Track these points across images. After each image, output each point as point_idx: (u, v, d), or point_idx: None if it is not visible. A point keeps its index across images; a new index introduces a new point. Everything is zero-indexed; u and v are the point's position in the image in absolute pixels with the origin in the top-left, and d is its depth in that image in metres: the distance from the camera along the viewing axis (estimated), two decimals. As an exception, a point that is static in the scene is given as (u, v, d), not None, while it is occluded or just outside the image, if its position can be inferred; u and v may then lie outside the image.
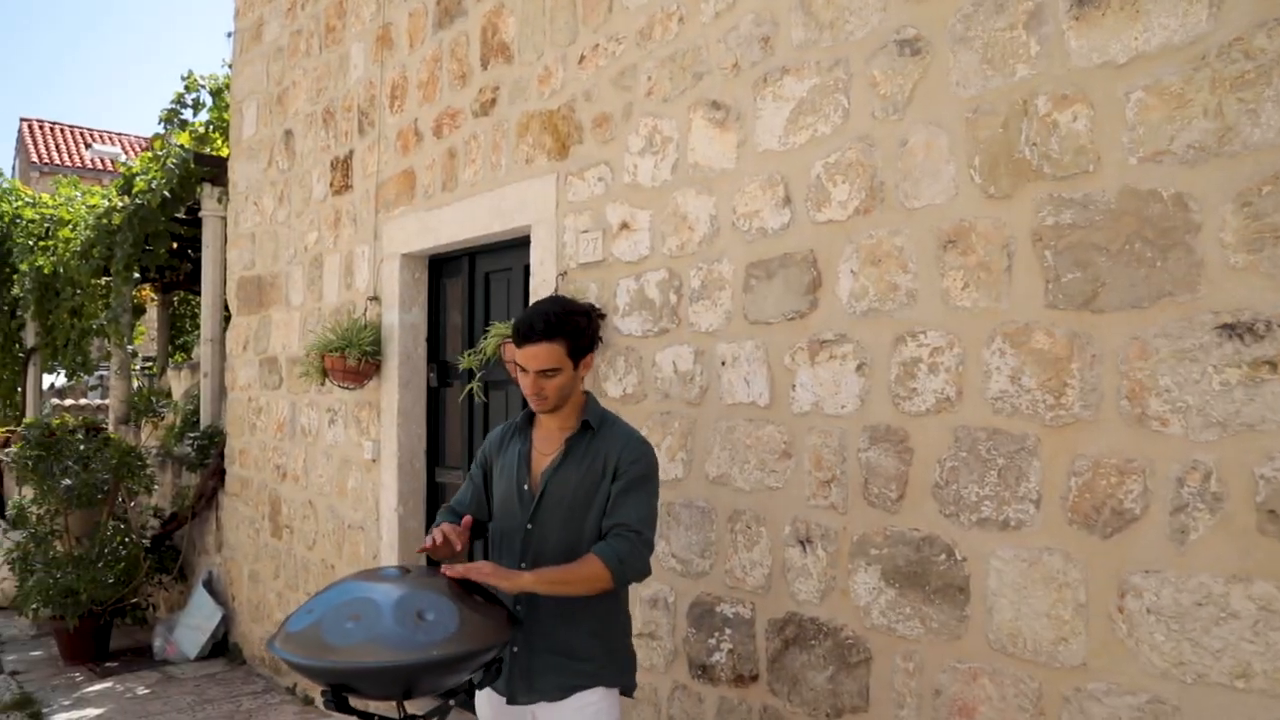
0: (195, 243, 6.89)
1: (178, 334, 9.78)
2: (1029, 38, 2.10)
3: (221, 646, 5.74)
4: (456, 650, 1.81)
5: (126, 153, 15.95)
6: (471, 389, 3.36)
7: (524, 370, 2.15)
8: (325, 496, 4.82)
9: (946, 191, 2.25)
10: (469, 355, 3.44)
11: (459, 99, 3.94)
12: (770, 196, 2.65)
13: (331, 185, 4.86)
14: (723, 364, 2.78)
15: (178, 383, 7.35)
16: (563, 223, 3.37)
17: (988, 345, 2.16)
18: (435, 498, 4.35)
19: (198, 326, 9.47)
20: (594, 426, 2.19)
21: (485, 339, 3.29)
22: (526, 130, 3.56)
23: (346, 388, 4.28)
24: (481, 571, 2.01)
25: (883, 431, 2.37)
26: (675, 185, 2.95)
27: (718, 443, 2.79)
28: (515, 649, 2.16)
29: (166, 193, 5.94)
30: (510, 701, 2.19)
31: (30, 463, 5.76)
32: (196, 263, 7.80)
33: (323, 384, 4.48)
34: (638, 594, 2.98)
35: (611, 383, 3.16)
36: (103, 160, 16.06)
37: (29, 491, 6.21)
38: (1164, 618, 1.87)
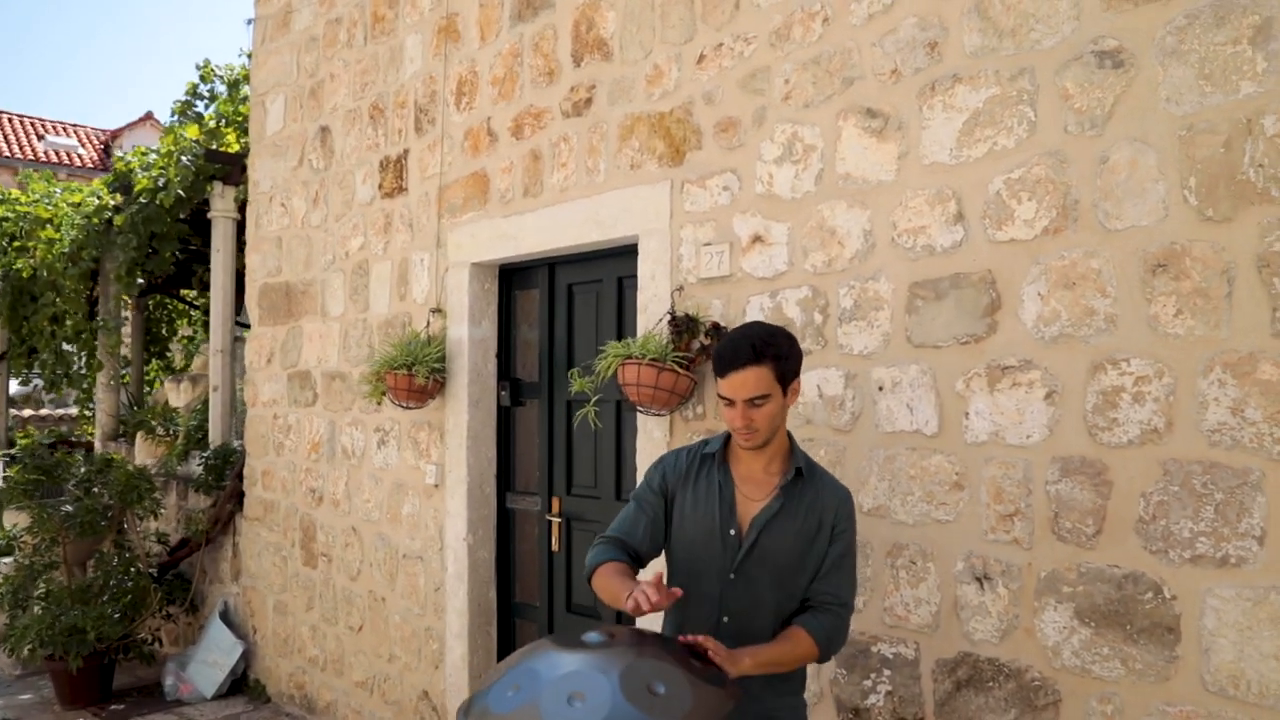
0: (185, 244, 6.83)
1: (153, 341, 9.67)
2: (1255, 53, 2.18)
3: (239, 683, 5.69)
4: None
5: (83, 144, 15.72)
6: (587, 413, 3.38)
7: (729, 402, 2.17)
8: (373, 523, 4.81)
9: (1155, 213, 2.32)
10: (579, 377, 3.46)
11: (544, 98, 3.97)
12: (940, 213, 2.71)
13: (381, 187, 4.86)
14: (880, 389, 2.83)
15: (176, 395, 7.28)
16: (679, 234, 3.42)
17: (1204, 375, 2.24)
18: (506, 525, 4.36)
19: (175, 334, 9.41)
20: (805, 474, 2.21)
21: (600, 359, 3.31)
22: (631, 133, 3.60)
23: (407, 407, 4.28)
24: (708, 648, 1.98)
25: (1077, 463, 2.43)
26: (820, 197, 3.00)
27: (874, 473, 2.84)
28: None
29: (181, 191, 5.89)
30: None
31: (28, 488, 5.68)
32: (182, 265, 7.76)
33: (379, 403, 4.47)
34: (778, 632, 3.01)
35: (740, 406, 3.20)
36: (58, 153, 15.82)
37: (19, 518, 6.12)
38: None
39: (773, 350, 2.15)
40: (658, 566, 2.47)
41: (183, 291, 8.98)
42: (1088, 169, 2.44)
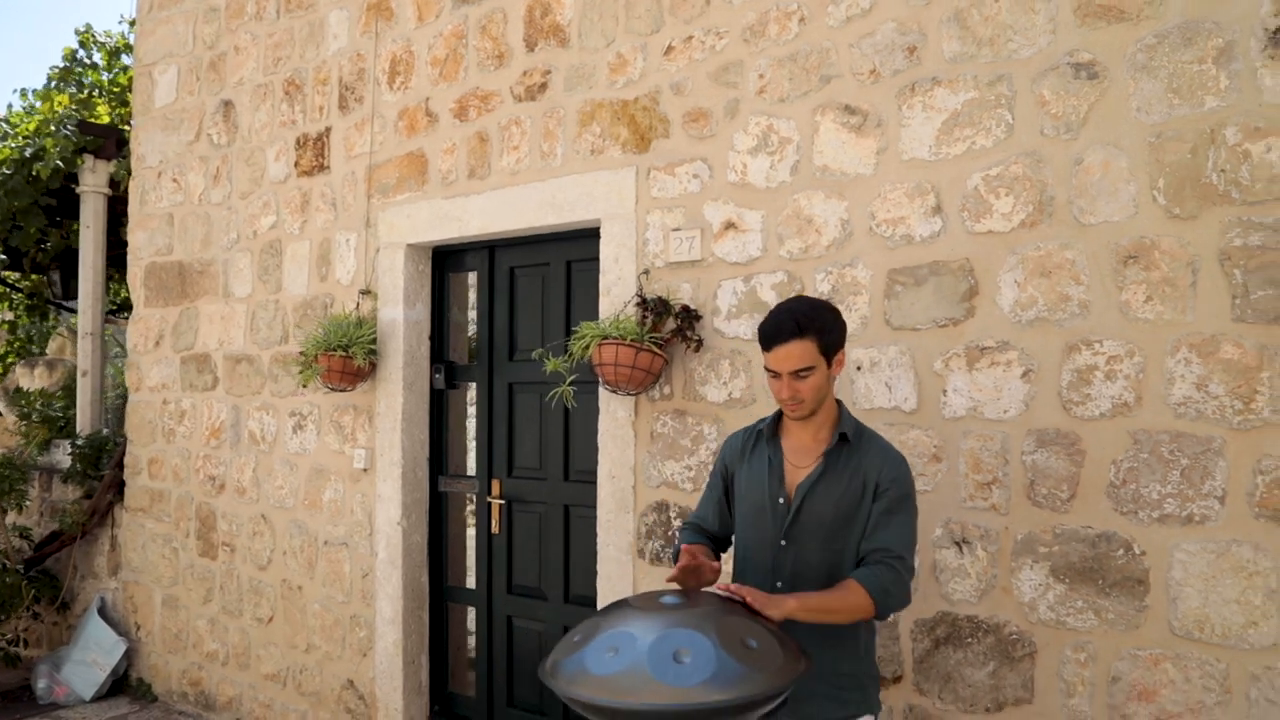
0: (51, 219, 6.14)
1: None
2: (1218, 72, 2.38)
3: (120, 683, 5.17)
4: (781, 684, 1.75)
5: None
6: (563, 394, 3.26)
7: (775, 375, 2.16)
8: (287, 510, 4.48)
9: (1126, 210, 2.48)
10: (551, 357, 3.34)
11: (493, 81, 3.81)
12: (919, 205, 2.80)
13: (297, 165, 4.53)
14: (858, 368, 2.90)
15: (29, 381, 6.50)
16: (645, 219, 3.37)
17: (1172, 355, 2.42)
18: (439, 509, 4.17)
19: (14, 309, 8.44)
20: (851, 439, 2.23)
21: (575, 339, 3.21)
22: (592, 119, 3.52)
23: (339, 389, 4.01)
24: (746, 594, 1.98)
25: (1052, 435, 2.57)
26: (797, 187, 3.03)
27: (852, 447, 2.90)
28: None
29: (59, 162, 5.27)
30: (773, 734, 2.18)
31: None
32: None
33: (306, 385, 4.17)
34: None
35: (713, 386, 3.19)
36: None
37: None
38: (1358, 599, 2.19)
39: (816, 324, 2.15)
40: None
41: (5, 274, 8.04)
42: (1063, 169, 2.58)
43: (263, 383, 4.64)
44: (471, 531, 4.57)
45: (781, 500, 2.22)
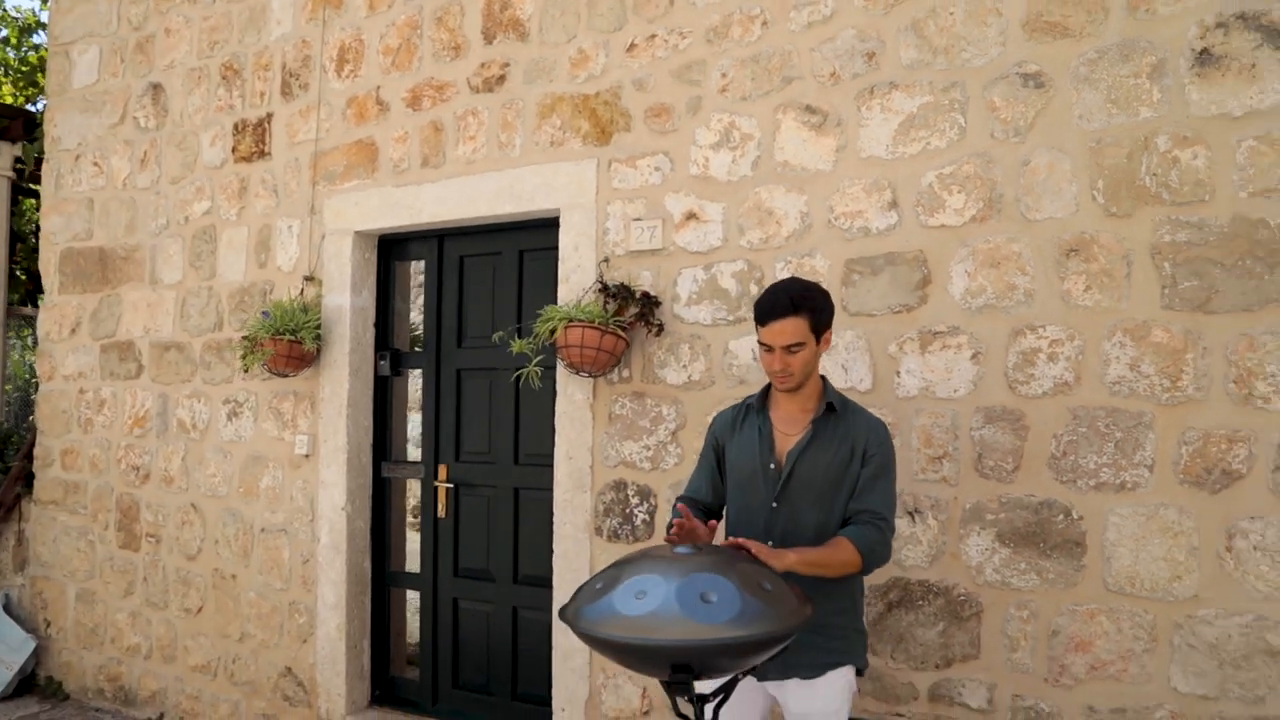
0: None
1: None
2: (1152, 86, 2.55)
3: (28, 682, 4.76)
4: (796, 623, 1.79)
5: None
6: (528, 374, 3.20)
7: (768, 349, 2.19)
8: (220, 499, 4.23)
9: (1068, 208, 2.63)
10: (514, 339, 3.27)
11: (449, 71, 3.72)
12: (876, 200, 2.89)
13: (235, 151, 4.30)
14: (816, 352, 2.95)
15: (-82, 371, 5.90)
16: (605, 209, 3.35)
17: (1108, 338, 2.57)
18: (383, 494, 4.02)
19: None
20: (837, 409, 2.27)
21: (542, 322, 3.16)
22: (552, 112, 3.48)
23: (284, 375, 3.83)
24: (751, 546, 2.00)
25: (998, 412, 2.70)
26: (758, 181, 3.08)
27: (810, 425, 2.96)
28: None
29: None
30: (760, 679, 2.20)
31: None
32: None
33: (247, 370, 3.96)
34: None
35: (672, 369, 3.20)
36: None
37: None
38: (1268, 552, 2.38)
39: (809, 303, 2.20)
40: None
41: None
42: (1011, 169, 2.71)
43: (194, 370, 4.37)
44: (412, 517, 4.44)
45: (773, 466, 2.25)
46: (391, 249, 4.06)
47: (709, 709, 1.91)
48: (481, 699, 3.73)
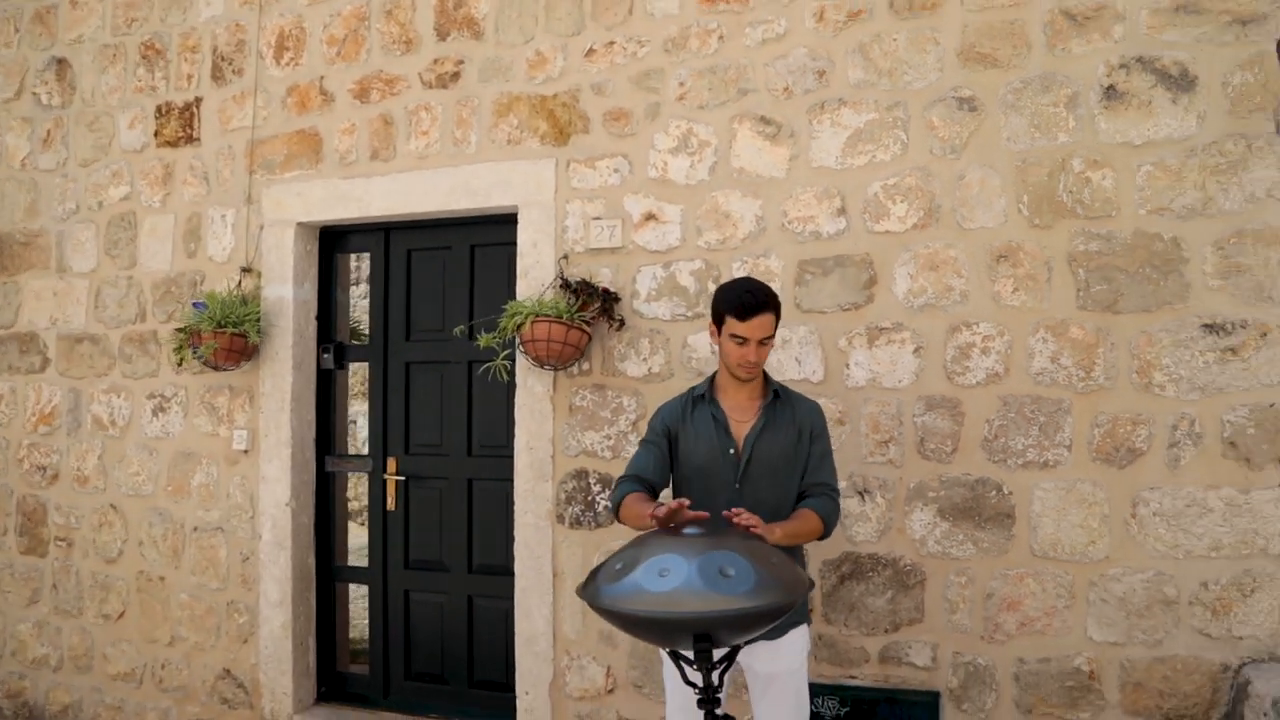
0: None
1: None
2: (1068, 114, 2.97)
3: (-87, 704, 4.50)
4: (802, 591, 2.05)
5: None
6: (495, 368, 3.33)
7: (743, 341, 2.43)
8: (144, 498, 4.16)
9: (998, 219, 3.02)
10: (481, 333, 3.40)
11: (400, 65, 3.81)
12: (826, 206, 3.21)
13: (158, 135, 4.22)
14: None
15: None
16: (564, 207, 3.53)
17: (1033, 334, 2.98)
18: (326, 489, 4.06)
19: None
20: (781, 396, 2.55)
21: (508, 317, 3.31)
22: (509, 111, 3.63)
23: (225, 369, 3.82)
24: (751, 523, 2.24)
25: (938, 400, 3.07)
26: (715, 186, 3.34)
27: (767, 414, 3.25)
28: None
29: None
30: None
31: None
32: None
33: (181, 363, 3.91)
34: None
35: (632, 362, 3.42)
36: None
37: None
38: (1165, 517, 2.84)
39: (775, 302, 2.48)
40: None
41: None
42: (948, 183, 3.08)
43: (111, 364, 4.26)
44: (356, 509, 4.48)
45: (732, 451, 2.50)
46: (333, 241, 4.10)
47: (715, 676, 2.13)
48: (437, 689, 3.86)
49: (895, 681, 3.08)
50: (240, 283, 3.98)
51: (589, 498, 3.48)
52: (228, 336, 3.71)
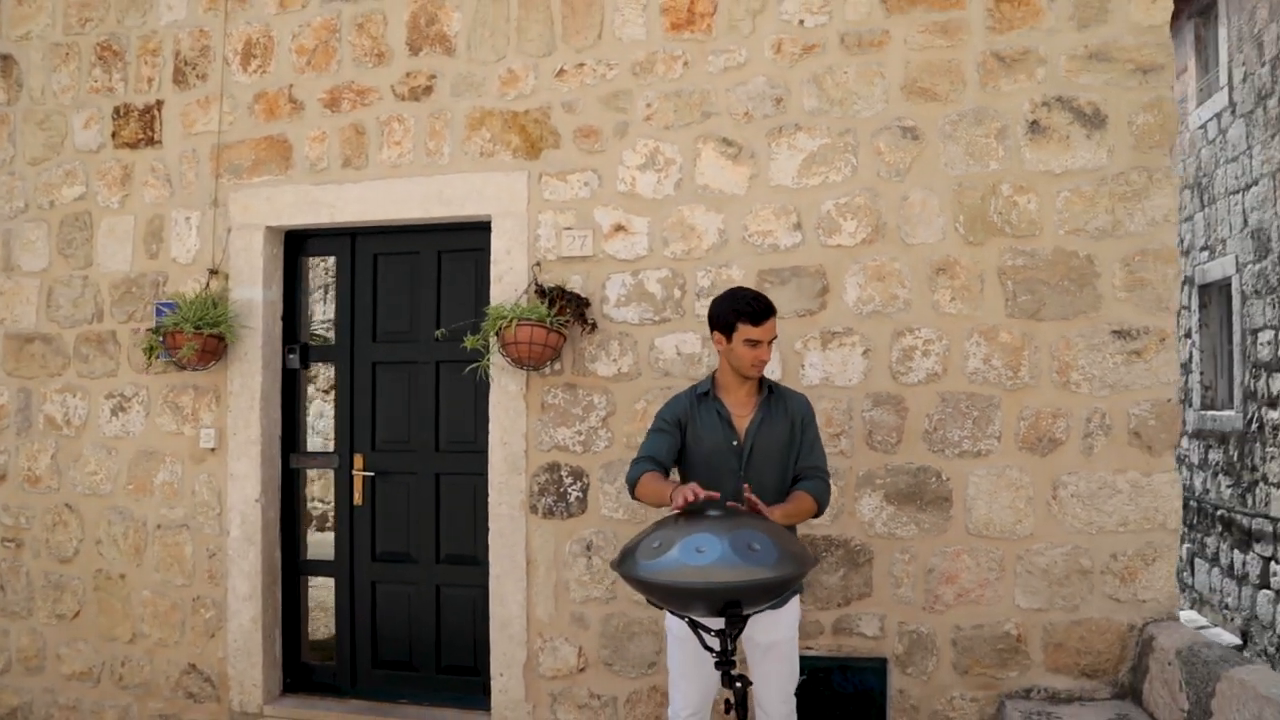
0: None
1: None
2: (998, 145, 3.36)
3: None
4: (812, 563, 2.34)
5: None
6: (483, 367, 3.52)
7: (756, 343, 2.71)
8: (103, 497, 4.16)
9: (936, 235, 3.39)
10: (467, 335, 3.58)
11: (371, 77, 3.94)
12: (783, 222, 3.52)
13: (116, 136, 4.22)
14: (734, 348, 3.54)
15: None
16: (537, 217, 3.75)
17: (968, 339, 3.36)
18: (291, 485, 4.16)
19: None
20: (775, 392, 2.84)
21: (492, 320, 3.50)
22: (482, 125, 3.82)
23: (197, 369, 3.88)
24: (759, 505, 2.53)
25: (884, 397, 3.42)
26: (681, 200, 3.62)
27: (730, 410, 3.54)
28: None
29: None
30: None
31: None
32: None
33: (150, 364, 3.95)
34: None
35: (603, 363, 3.66)
36: None
37: None
38: (1080, 498, 3.26)
39: (774, 306, 2.76)
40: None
41: None
42: (893, 203, 3.44)
43: (65, 363, 4.24)
44: (318, 505, 4.57)
45: (735, 442, 2.77)
46: (297, 244, 4.19)
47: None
48: (405, 675, 4.00)
49: (847, 650, 3.41)
50: (209, 284, 4.04)
51: (561, 489, 3.70)
52: (203, 338, 3.77)
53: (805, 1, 3.53)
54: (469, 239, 3.93)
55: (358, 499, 4.07)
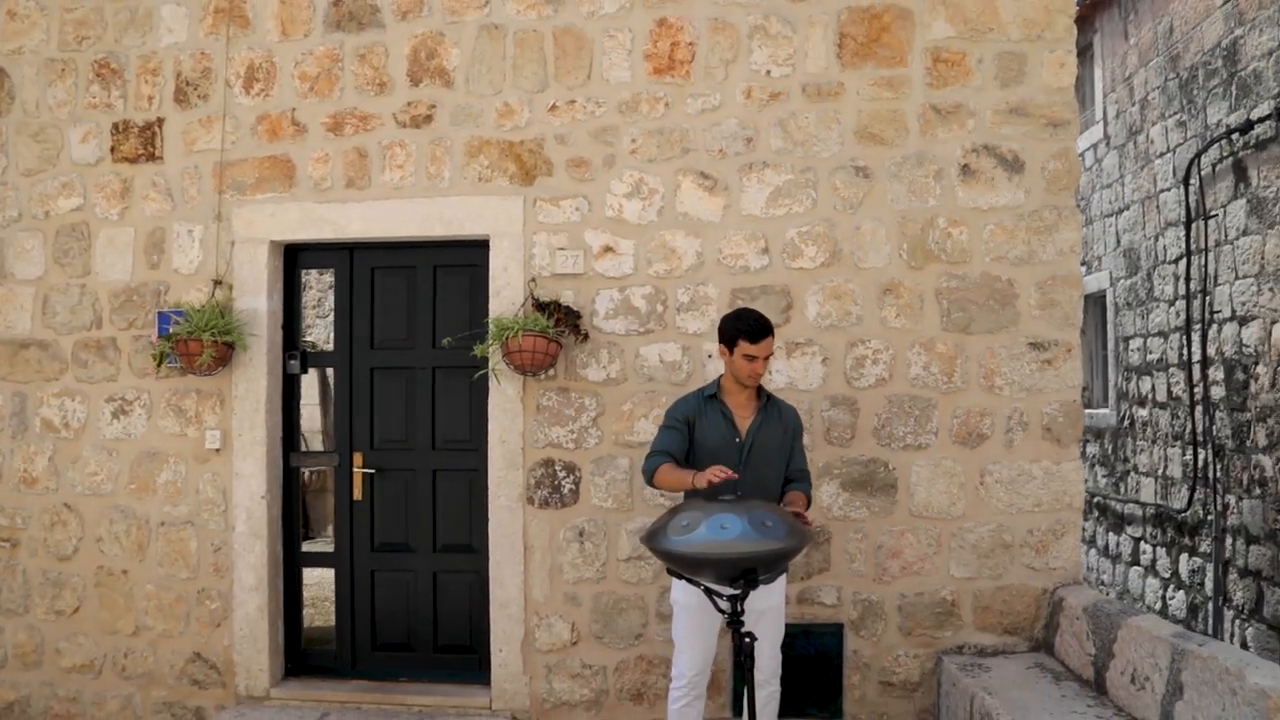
0: None
1: None
2: (935, 184, 3.94)
3: None
4: (808, 539, 2.83)
5: None
6: (491, 373, 3.89)
7: (753, 358, 3.18)
8: (104, 497, 4.33)
9: (883, 260, 3.95)
10: (478, 344, 3.95)
11: (373, 104, 4.25)
12: (753, 246, 4.02)
13: (115, 150, 4.40)
14: (709, 356, 4.02)
15: None
16: (532, 238, 4.14)
17: (910, 349, 3.93)
18: (291, 484, 4.42)
19: None
20: (771, 400, 3.33)
21: (499, 330, 3.86)
22: (480, 152, 4.18)
23: (207, 374, 4.11)
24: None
25: (840, 399, 3.95)
26: (663, 226, 4.07)
27: (707, 411, 4.01)
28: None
29: None
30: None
31: None
32: None
33: (159, 369, 4.16)
34: (627, 526, 3.98)
35: (593, 369, 4.08)
36: None
37: None
38: (1003, 484, 3.86)
39: (773, 327, 3.24)
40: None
41: None
42: (848, 232, 3.98)
43: (63, 369, 4.39)
44: (312, 499, 4.82)
45: (737, 440, 3.26)
46: (295, 256, 4.46)
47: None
48: (404, 655, 4.33)
49: (809, 618, 3.93)
50: (213, 294, 4.27)
51: (555, 482, 4.10)
52: (218, 345, 4.02)
53: (772, 54, 4.04)
54: (463, 255, 4.28)
55: (357, 494, 4.37)
